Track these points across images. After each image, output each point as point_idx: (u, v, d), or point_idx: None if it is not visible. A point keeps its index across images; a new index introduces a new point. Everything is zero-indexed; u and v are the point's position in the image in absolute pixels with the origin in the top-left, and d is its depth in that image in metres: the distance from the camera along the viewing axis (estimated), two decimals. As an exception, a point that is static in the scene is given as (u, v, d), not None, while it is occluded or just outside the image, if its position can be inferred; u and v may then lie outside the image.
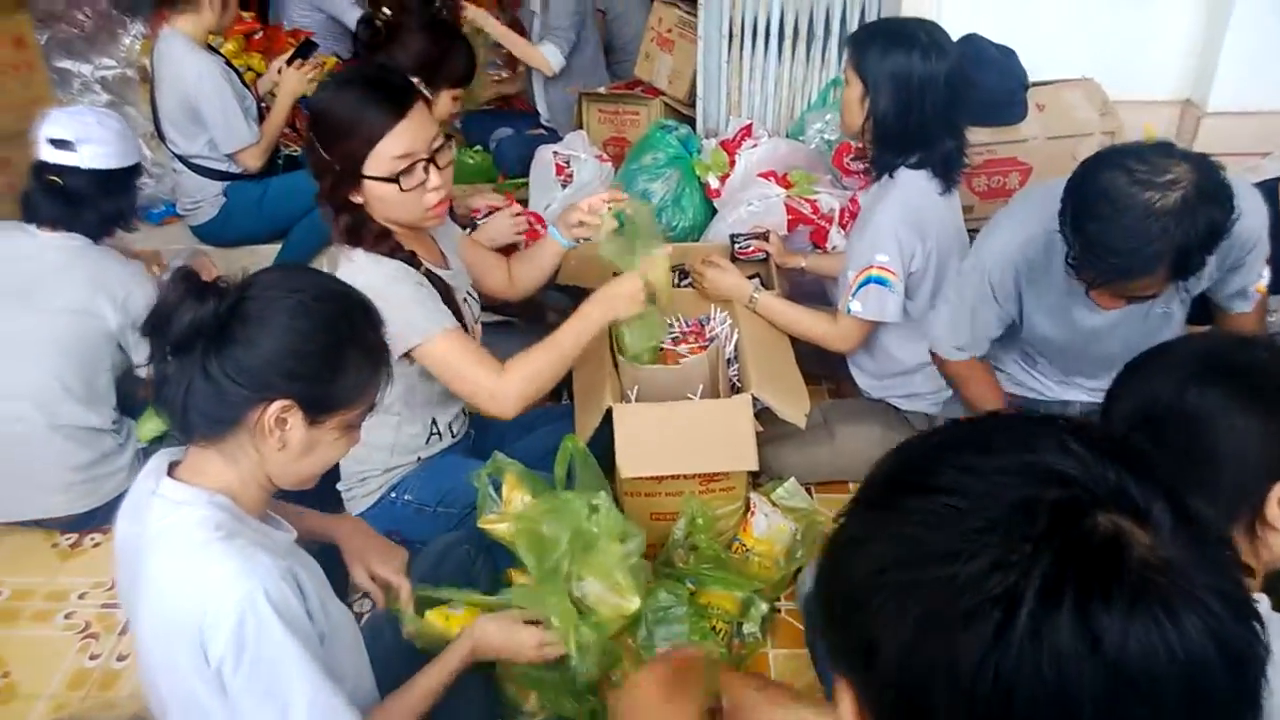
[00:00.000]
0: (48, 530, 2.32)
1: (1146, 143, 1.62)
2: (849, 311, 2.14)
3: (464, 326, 1.87)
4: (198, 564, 1.13)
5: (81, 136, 2.13)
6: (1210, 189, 1.49)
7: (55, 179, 2.13)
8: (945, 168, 2.09)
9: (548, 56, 3.65)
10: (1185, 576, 0.52)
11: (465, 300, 1.97)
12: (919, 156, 2.07)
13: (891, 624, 0.56)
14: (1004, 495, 0.55)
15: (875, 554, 0.58)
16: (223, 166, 3.08)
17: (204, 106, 2.93)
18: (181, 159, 3.05)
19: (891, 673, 0.56)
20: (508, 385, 1.77)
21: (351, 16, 4.29)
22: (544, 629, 1.51)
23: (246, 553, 1.14)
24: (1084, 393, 2.06)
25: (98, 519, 2.29)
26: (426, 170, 1.73)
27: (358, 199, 1.73)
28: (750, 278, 2.46)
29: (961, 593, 0.53)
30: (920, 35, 2.03)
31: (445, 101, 2.45)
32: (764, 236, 2.66)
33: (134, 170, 2.27)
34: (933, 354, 2.08)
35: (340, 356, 1.21)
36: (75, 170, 2.14)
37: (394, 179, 1.69)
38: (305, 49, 3.18)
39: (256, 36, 3.75)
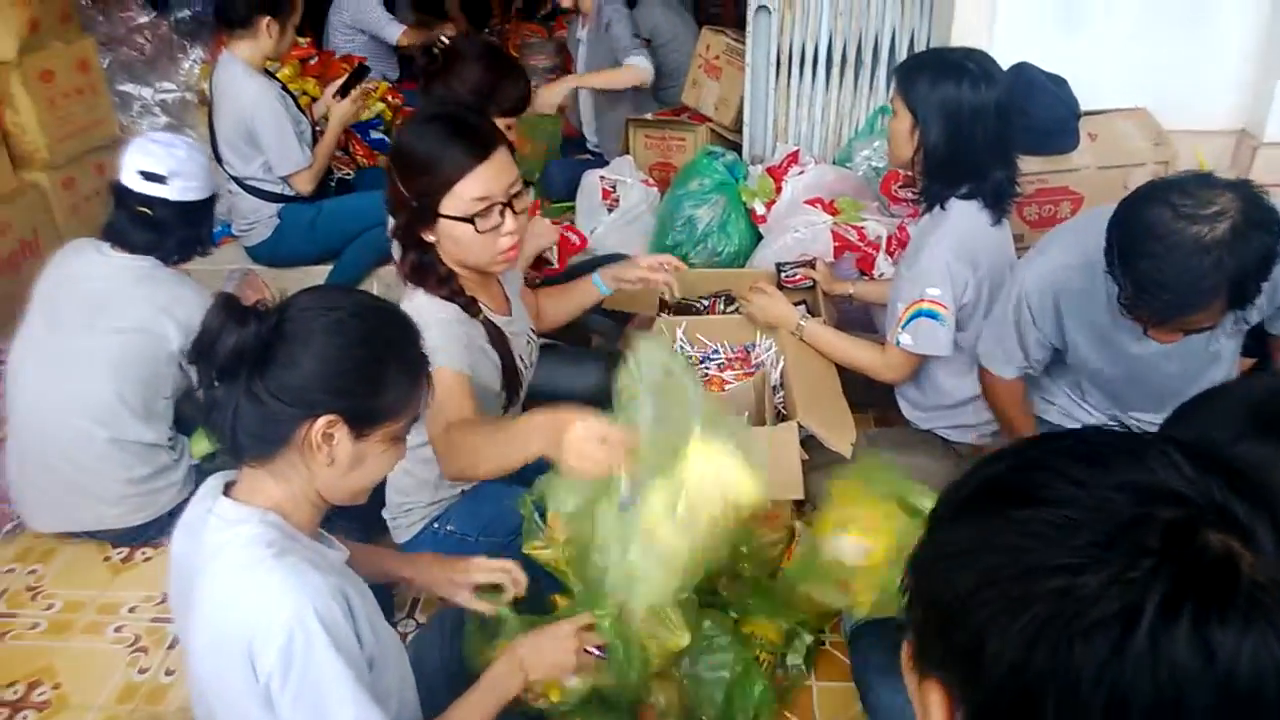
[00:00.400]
0: (100, 543, 2.37)
1: (1186, 175, 1.60)
2: (898, 344, 2.13)
3: (516, 370, 1.88)
4: (249, 580, 1.15)
5: (174, 170, 2.19)
6: (1258, 216, 1.47)
7: (145, 210, 2.18)
8: (996, 198, 2.07)
9: (639, 67, 3.66)
10: None
11: (527, 342, 1.99)
12: (970, 187, 2.05)
13: (1003, 634, 0.57)
14: (1118, 510, 0.57)
15: (985, 565, 0.59)
16: (277, 189, 3.14)
17: (260, 130, 3.00)
18: (238, 181, 3.12)
19: (1001, 680, 0.57)
20: (439, 441, 1.66)
21: (391, 32, 4.41)
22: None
23: (298, 570, 1.15)
24: (1136, 427, 2.02)
25: (150, 533, 2.34)
26: (502, 214, 1.72)
27: (429, 237, 1.74)
28: (796, 304, 2.46)
29: (1081, 605, 0.54)
30: (969, 65, 2.02)
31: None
32: (810, 264, 2.66)
33: (213, 199, 2.34)
34: (980, 369, 2.07)
35: (381, 370, 1.23)
36: (164, 202, 2.19)
37: (469, 219, 1.69)
38: (357, 75, 3.25)
39: (311, 62, 3.84)
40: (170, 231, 2.23)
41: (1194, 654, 0.52)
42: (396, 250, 1.80)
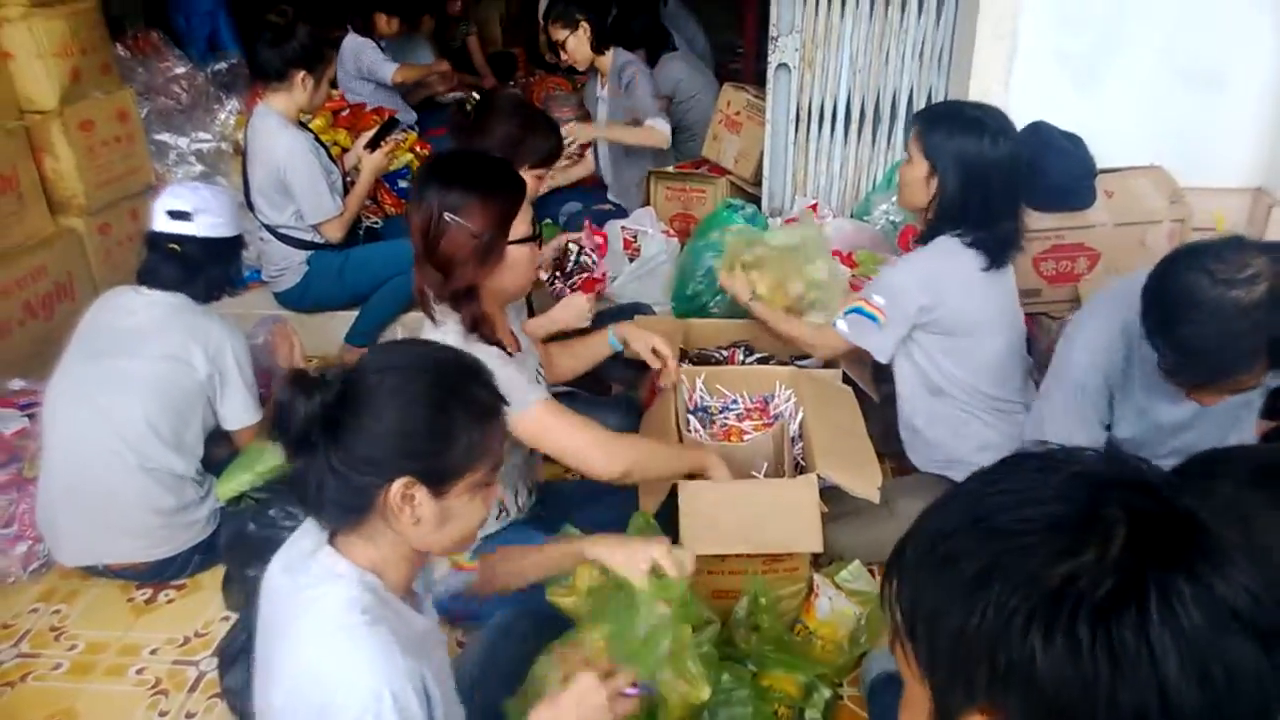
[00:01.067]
0: (124, 584, 2.39)
1: (1216, 240, 1.63)
2: (834, 325, 2.27)
3: None
4: (338, 645, 1.17)
5: (198, 207, 2.31)
6: None
7: (174, 246, 2.30)
8: (999, 247, 2.12)
9: (660, 130, 3.74)
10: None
11: (537, 378, 2.03)
12: (974, 235, 2.11)
13: (1046, 644, 0.62)
14: (1078, 497, 0.66)
15: (999, 586, 0.65)
16: (307, 236, 3.21)
17: (293, 180, 3.08)
18: (269, 228, 3.19)
19: (1058, 685, 0.62)
20: (621, 453, 1.89)
21: (385, 72, 4.60)
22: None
23: (385, 647, 1.16)
24: None
25: (170, 571, 2.37)
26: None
27: (483, 277, 1.82)
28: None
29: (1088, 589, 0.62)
30: (987, 120, 2.08)
31: (529, 181, 2.53)
32: None
33: (239, 239, 2.45)
34: None
35: (448, 425, 1.22)
36: (191, 239, 2.31)
37: (534, 237, 1.87)
38: (388, 127, 3.34)
39: (343, 114, 3.94)
40: (199, 268, 2.33)
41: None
42: (445, 310, 1.86)
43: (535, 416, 1.81)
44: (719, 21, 6.09)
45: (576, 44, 3.78)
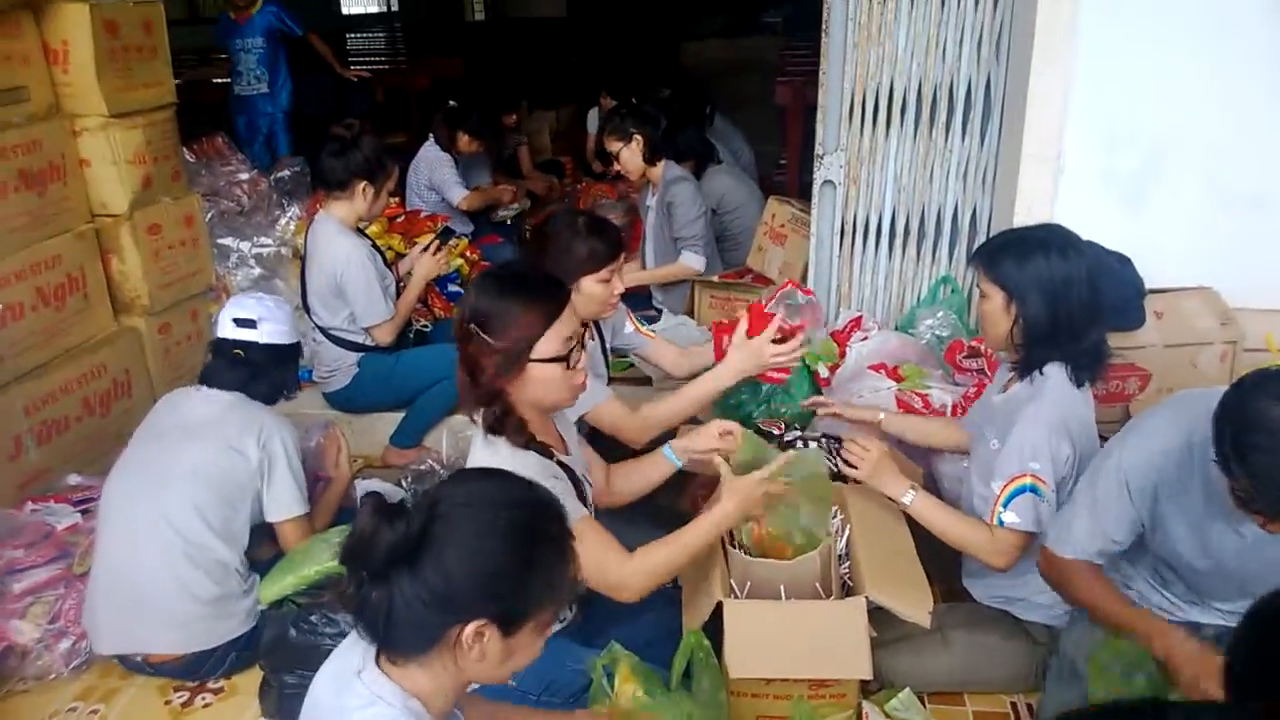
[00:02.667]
0: (162, 683, 2.39)
1: None
2: (1002, 524, 2.06)
3: (589, 507, 1.95)
4: None
5: (263, 316, 2.46)
6: None
7: (239, 351, 2.44)
8: (1092, 360, 2.10)
9: (691, 265, 3.93)
10: None
11: (584, 480, 2.04)
12: (1066, 352, 2.08)
13: None
14: None
15: None
16: (359, 339, 3.28)
17: (349, 283, 3.16)
18: (323, 331, 3.27)
19: None
20: (632, 578, 1.85)
21: (454, 195, 4.76)
22: None
23: None
24: (1217, 615, 1.96)
25: (207, 666, 2.37)
26: (581, 349, 1.89)
27: (510, 387, 1.84)
28: None
29: None
30: (1052, 237, 2.09)
31: (597, 288, 2.56)
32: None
33: (298, 346, 2.59)
34: (1042, 547, 2.00)
35: (527, 569, 1.23)
36: (255, 344, 2.44)
37: (563, 359, 1.84)
38: (444, 236, 3.43)
39: (399, 220, 4.06)
40: (260, 372, 2.46)
41: None
42: (470, 407, 1.89)
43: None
44: (763, 134, 6.26)
45: (630, 156, 3.93)
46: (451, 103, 4.98)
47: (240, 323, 2.46)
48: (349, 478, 2.79)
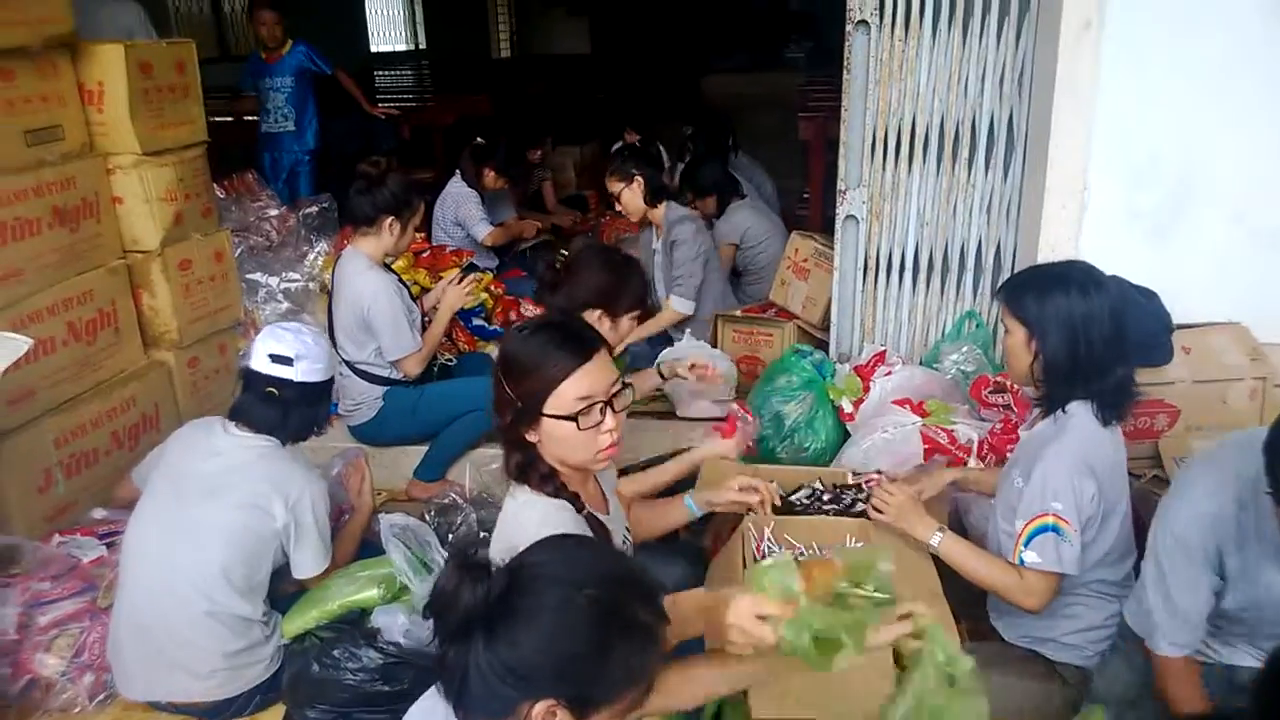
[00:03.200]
0: (186, 719, 2.39)
1: None
2: (1023, 563, 2.04)
3: None
4: None
5: (300, 353, 2.37)
6: None
7: (273, 390, 2.35)
8: (1116, 398, 2.07)
9: (677, 309, 3.93)
10: None
11: (624, 541, 2.02)
12: (1087, 390, 2.06)
13: None
14: None
15: None
16: (385, 373, 3.30)
17: (376, 317, 3.19)
18: (349, 365, 3.29)
19: None
20: None
21: (479, 231, 4.84)
22: None
23: None
24: (1250, 658, 1.93)
25: (232, 709, 2.36)
26: (603, 413, 1.77)
27: (532, 437, 1.79)
28: None
29: None
30: (1074, 274, 2.08)
31: (626, 325, 2.62)
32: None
33: (330, 383, 2.49)
34: (1158, 661, 1.93)
35: (607, 654, 1.18)
36: (289, 382, 2.35)
37: (572, 418, 1.73)
38: (467, 273, 3.47)
39: (424, 255, 4.10)
40: (293, 410, 2.38)
41: None
42: (504, 449, 1.87)
43: None
44: (785, 168, 6.29)
45: (630, 197, 3.95)
46: (478, 139, 5.05)
47: (276, 359, 2.36)
48: (371, 508, 2.77)
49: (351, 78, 5.77)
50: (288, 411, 2.37)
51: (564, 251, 2.43)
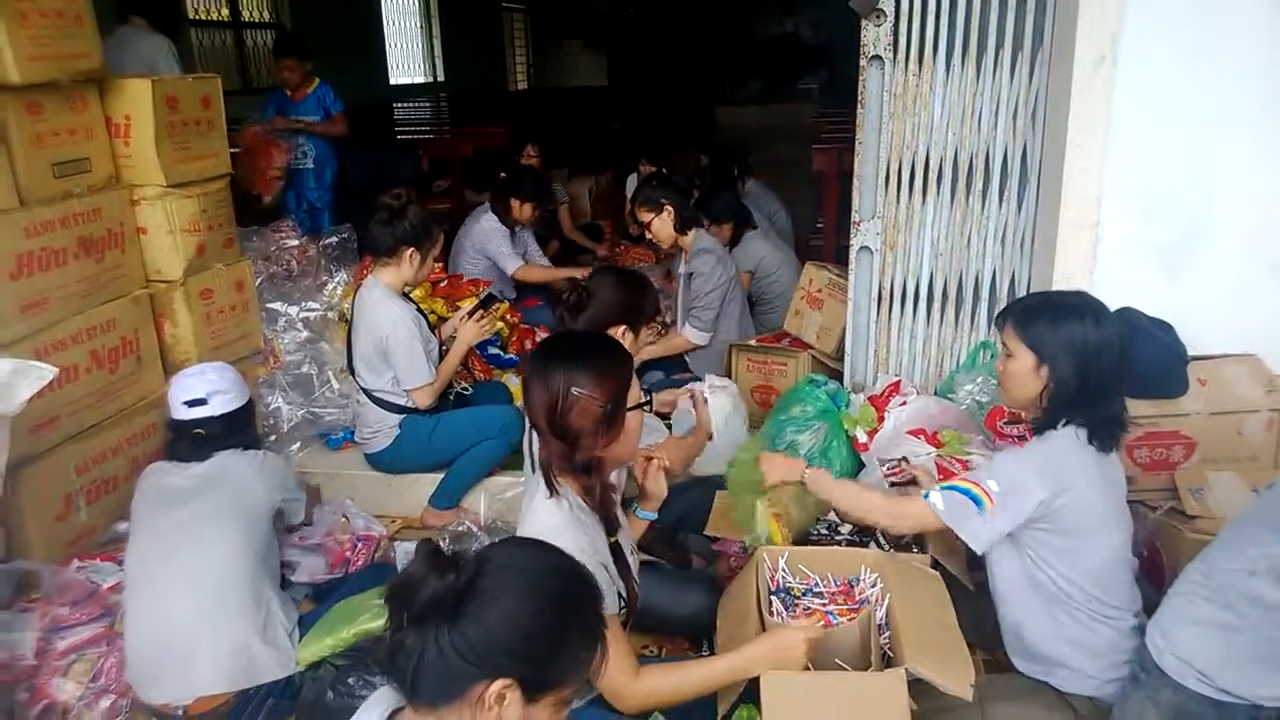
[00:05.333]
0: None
1: None
2: (926, 497, 2.14)
3: (634, 595, 1.99)
4: None
5: (211, 390, 2.62)
6: None
7: (200, 430, 2.59)
8: (1110, 428, 2.09)
9: (691, 339, 4.00)
10: None
11: (632, 551, 2.05)
12: (1087, 416, 2.08)
13: None
14: None
15: None
16: (402, 401, 3.33)
17: (394, 346, 3.22)
18: (367, 392, 3.32)
19: None
20: (633, 697, 1.86)
21: (509, 266, 4.80)
22: None
23: None
24: (1271, 701, 1.91)
25: (246, 712, 2.37)
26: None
27: (607, 445, 1.92)
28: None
29: None
30: (1082, 305, 2.11)
31: (644, 336, 2.76)
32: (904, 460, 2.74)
33: (251, 405, 2.76)
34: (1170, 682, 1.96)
35: (563, 638, 1.27)
36: (210, 419, 2.60)
37: (646, 403, 1.99)
38: (487, 301, 3.50)
39: (442, 284, 4.14)
40: (218, 441, 2.60)
41: None
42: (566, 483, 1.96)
43: None
44: (799, 198, 6.34)
45: (661, 225, 4.01)
46: (502, 174, 5.08)
47: (191, 403, 2.59)
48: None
49: (346, 117, 5.77)
50: (215, 443, 2.59)
51: (581, 274, 2.53)
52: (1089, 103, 2.88)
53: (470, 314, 3.51)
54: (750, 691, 1.94)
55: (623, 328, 2.64)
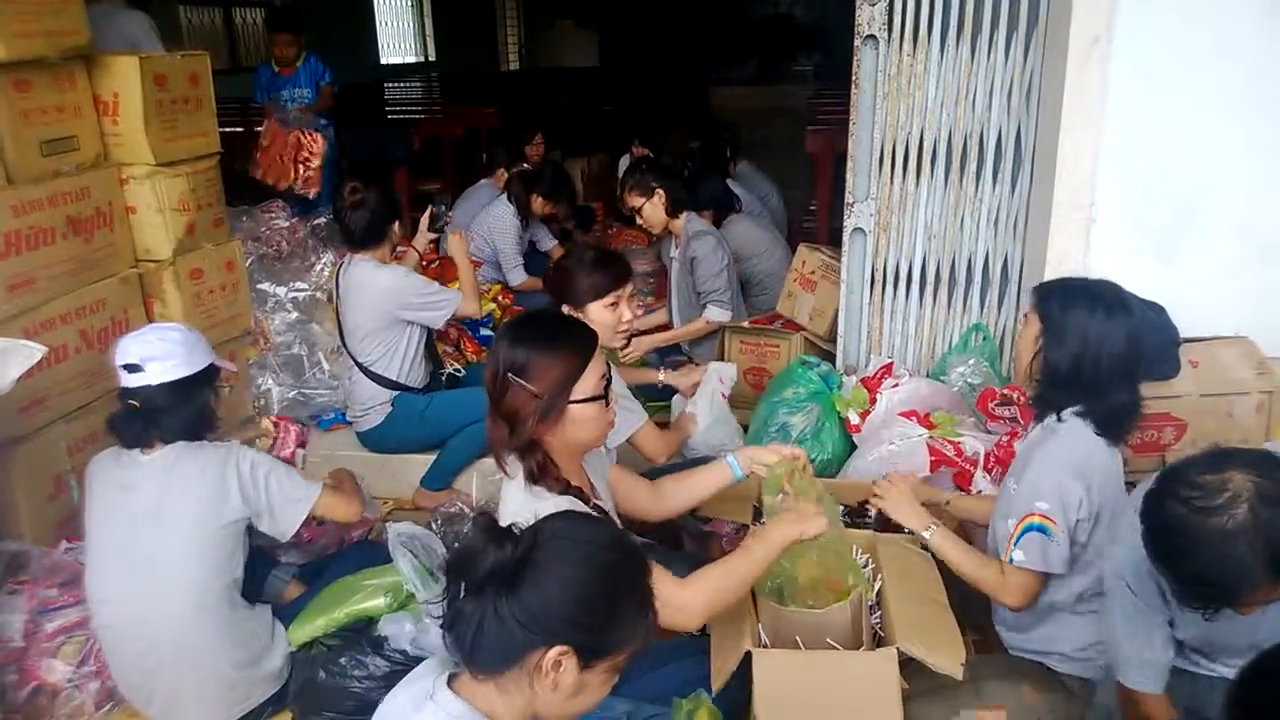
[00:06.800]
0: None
1: (1195, 458, 1.58)
2: (1012, 561, 2.10)
3: None
4: None
5: (145, 356, 2.24)
6: (1273, 489, 1.45)
7: (133, 402, 2.25)
8: (1113, 419, 2.09)
9: (716, 319, 3.95)
10: None
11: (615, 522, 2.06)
12: (1085, 405, 2.08)
13: None
14: None
15: None
16: (394, 376, 3.34)
17: (410, 300, 3.28)
18: (361, 366, 3.33)
19: None
20: (694, 599, 1.87)
21: (515, 277, 4.81)
22: None
23: None
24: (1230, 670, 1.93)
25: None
26: (608, 390, 1.92)
27: (550, 433, 1.87)
28: None
29: None
30: (1104, 294, 2.10)
31: (598, 312, 2.64)
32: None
33: (207, 373, 2.35)
34: (1129, 696, 1.98)
35: (617, 606, 1.30)
36: (149, 388, 2.23)
37: (601, 397, 1.89)
38: (434, 219, 3.74)
39: (433, 265, 4.13)
40: (163, 413, 2.25)
41: None
42: (505, 456, 1.92)
43: None
44: (792, 180, 6.31)
45: (652, 210, 3.97)
46: (525, 165, 5.03)
47: (128, 368, 2.24)
48: (351, 480, 2.71)
49: (333, 92, 5.73)
50: (158, 416, 2.25)
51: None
52: (1083, 83, 2.87)
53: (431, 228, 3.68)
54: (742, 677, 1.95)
55: (566, 307, 2.64)
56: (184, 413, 2.28)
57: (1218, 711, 1.22)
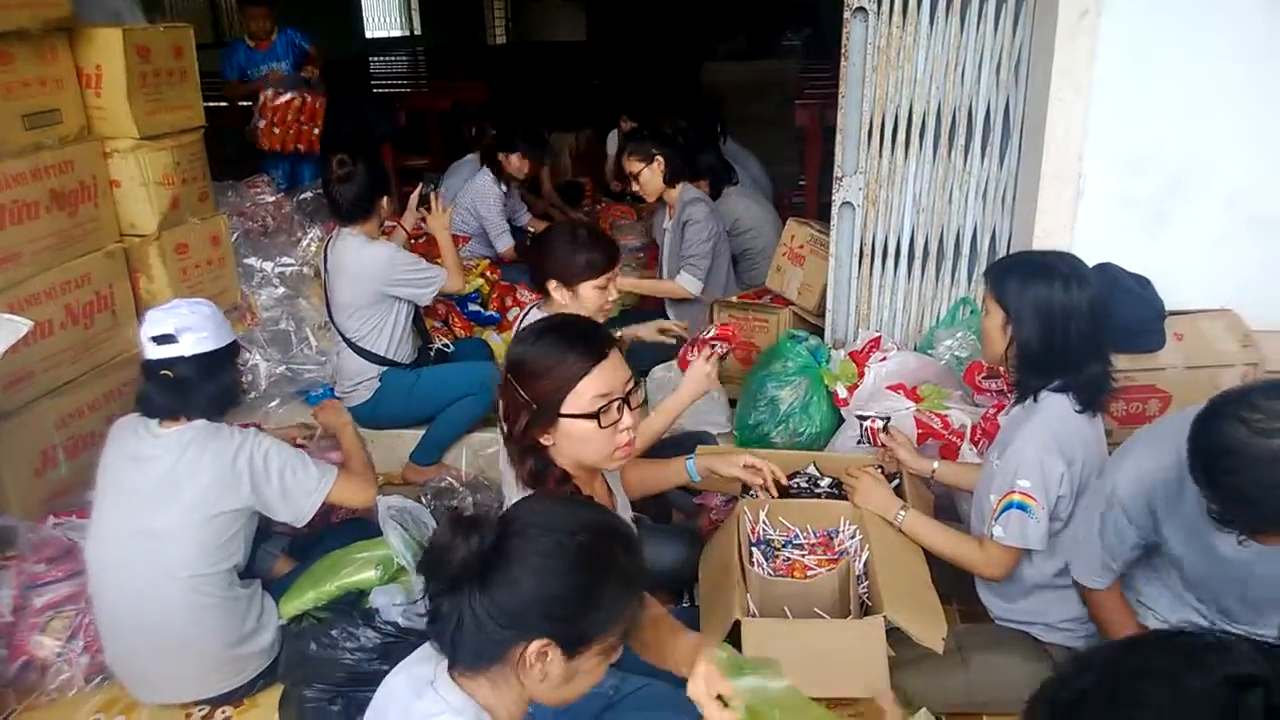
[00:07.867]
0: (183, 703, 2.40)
1: (1254, 386, 1.65)
2: (992, 537, 2.14)
3: None
4: None
5: (180, 327, 2.25)
6: None
7: (167, 372, 2.24)
8: (1089, 392, 2.11)
9: (686, 286, 3.94)
10: None
11: (623, 508, 2.05)
12: (1062, 381, 2.10)
13: None
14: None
15: None
16: (383, 352, 3.33)
17: (399, 274, 3.27)
18: (349, 342, 3.32)
19: None
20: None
21: (501, 243, 4.73)
22: None
23: None
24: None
25: (236, 695, 2.39)
26: (620, 410, 1.78)
27: (547, 440, 1.79)
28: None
29: None
30: (1060, 266, 2.11)
31: (588, 292, 2.64)
32: (886, 427, 2.76)
33: (233, 349, 2.37)
34: (1082, 590, 2.07)
35: (595, 593, 1.25)
36: (181, 359, 2.24)
37: (593, 416, 1.74)
38: (424, 199, 3.72)
39: (420, 240, 4.11)
40: (194, 387, 2.26)
41: None
42: (512, 454, 1.85)
43: None
44: (781, 155, 6.29)
45: (650, 176, 3.96)
46: (491, 131, 4.96)
47: (159, 339, 2.24)
48: (355, 436, 2.72)
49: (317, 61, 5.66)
50: (190, 389, 2.26)
51: (531, 228, 2.53)
52: (1072, 56, 2.87)
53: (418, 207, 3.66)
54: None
55: (554, 282, 2.64)
56: (212, 388, 2.29)
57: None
